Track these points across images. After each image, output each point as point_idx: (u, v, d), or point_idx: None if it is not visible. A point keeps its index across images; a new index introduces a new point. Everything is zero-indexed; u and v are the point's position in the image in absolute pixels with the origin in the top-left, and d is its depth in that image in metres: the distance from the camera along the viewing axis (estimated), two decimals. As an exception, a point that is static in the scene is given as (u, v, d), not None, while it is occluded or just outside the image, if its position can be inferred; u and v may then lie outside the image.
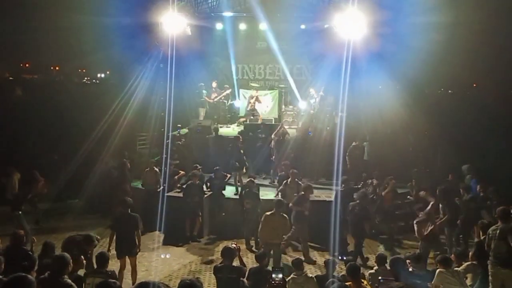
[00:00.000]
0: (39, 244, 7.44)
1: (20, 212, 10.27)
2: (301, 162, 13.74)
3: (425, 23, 15.81)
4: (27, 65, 42.19)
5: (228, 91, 17.30)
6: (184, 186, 11.89)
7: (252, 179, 11.38)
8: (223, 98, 17.19)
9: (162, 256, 10.83)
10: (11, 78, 34.29)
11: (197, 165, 12.35)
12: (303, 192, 10.43)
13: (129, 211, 8.53)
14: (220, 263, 7.13)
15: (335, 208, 10.52)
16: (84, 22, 19.43)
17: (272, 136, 13.92)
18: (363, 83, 16.05)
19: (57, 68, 42.31)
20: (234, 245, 7.33)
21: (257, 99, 16.66)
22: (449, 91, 32.98)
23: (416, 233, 9.48)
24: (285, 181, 11.22)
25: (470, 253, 7.73)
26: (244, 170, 13.23)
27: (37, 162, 14.13)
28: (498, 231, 7.22)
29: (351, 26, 14.18)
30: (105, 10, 17.03)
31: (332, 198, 11.31)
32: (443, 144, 14.36)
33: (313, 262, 10.12)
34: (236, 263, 7.18)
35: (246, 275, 6.97)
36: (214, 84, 17.18)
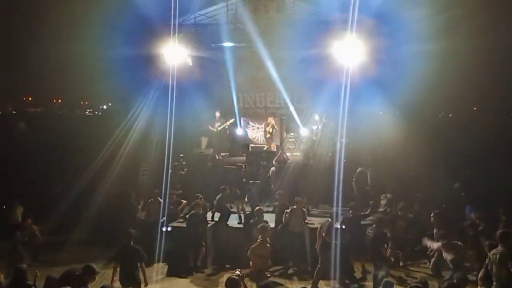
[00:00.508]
0: (42, 278, 7.38)
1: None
2: (302, 188, 13.75)
3: (423, 50, 16.00)
4: (29, 98, 42.55)
5: (231, 120, 17.39)
6: (187, 216, 11.82)
7: (261, 207, 11.35)
8: (226, 127, 17.27)
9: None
10: (14, 111, 34.54)
11: (199, 195, 12.32)
12: (329, 220, 10.23)
13: (132, 243, 8.50)
14: None
15: (338, 234, 10.45)
16: (86, 54, 19.70)
17: (273, 162, 13.92)
18: (363, 109, 16.16)
19: (59, 100, 42.67)
20: (238, 273, 7.29)
21: (273, 126, 16.65)
22: (450, 115, 33.11)
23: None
24: (290, 209, 11.11)
25: (479, 276, 7.62)
26: (246, 199, 13.21)
27: (40, 194, 14.15)
28: (498, 256, 7.15)
29: (350, 53, 14.39)
30: (107, 42, 17.29)
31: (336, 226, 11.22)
32: (444, 168, 14.29)
33: None
34: None
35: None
36: (217, 114, 17.29)
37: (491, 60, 22.56)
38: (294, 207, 11.11)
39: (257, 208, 11.45)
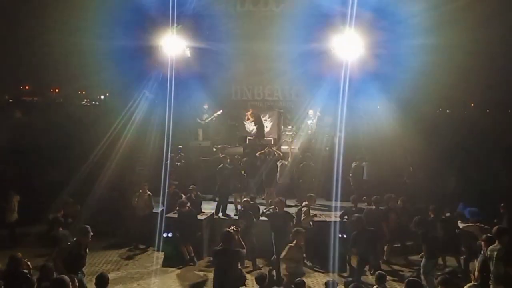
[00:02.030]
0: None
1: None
2: (298, 183, 13.81)
3: (422, 45, 15.98)
4: (27, 87, 42.29)
5: (219, 112, 17.39)
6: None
7: (249, 199, 11.36)
8: (214, 118, 17.30)
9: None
10: (11, 100, 34.40)
11: (193, 186, 12.37)
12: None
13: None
14: (219, 246, 7.37)
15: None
16: (84, 44, 19.59)
17: (257, 155, 13.84)
18: (361, 104, 16.19)
19: (57, 90, 42.43)
20: (233, 228, 7.65)
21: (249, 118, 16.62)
22: (447, 110, 33.14)
23: None
24: (304, 206, 11.01)
25: (475, 271, 7.63)
26: (245, 192, 13.24)
27: (37, 183, 14.16)
28: (496, 252, 7.11)
29: (349, 48, 14.39)
30: (105, 33, 17.20)
31: (332, 219, 11.28)
32: (441, 163, 14.33)
33: None
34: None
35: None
36: (205, 106, 17.37)
37: (488, 56, 22.56)
38: (306, 203, 11.04)
39: (244, 199, 11.47)
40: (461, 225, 9.70)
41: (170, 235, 11.35)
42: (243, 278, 7.66)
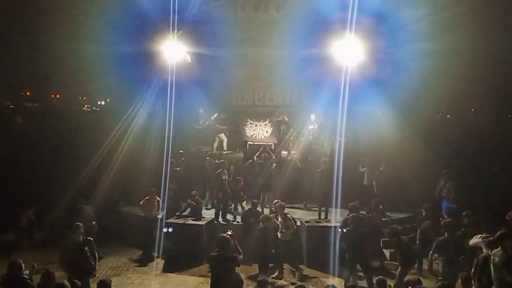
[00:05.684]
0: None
1: None
2: (299, 188, 13.81)
3: (422, 50, 16.02)
4: (27, 93, 42.25)
5: (214, 116, 17.40)
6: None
7: (282, 204, 11.13)
8: (211, 122, 17.32)
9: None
10: (11, 106, 34.42)
11: (195, 192, 12.43)
12: None
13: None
14: (215, 252, 7.34)
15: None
16: (85, 50, 19.63)
17: (254, 158, 13.83)
18: (361, 109, 16.19)
19: (57, 96, 42.37)
20: (229, 232, 7.60)
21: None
22: (448, 116, 33.06)
23: None
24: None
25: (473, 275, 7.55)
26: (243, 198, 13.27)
27: (37, 189, 14.15)
28: (499, 257, 7.01)
29: (350, 53, 14.44)
30: (106, 39, 17.25)
31: (332, 224, 11.28)
32: (441, 168, 14.30)
33: None
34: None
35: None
36: (201, 111, 17.40)
37: (489, 61, 22.56)
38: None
39: (275, 201, 11.34)
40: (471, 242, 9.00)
41: (170, 229, 11.36)
42: (240, 283, 7.66)
